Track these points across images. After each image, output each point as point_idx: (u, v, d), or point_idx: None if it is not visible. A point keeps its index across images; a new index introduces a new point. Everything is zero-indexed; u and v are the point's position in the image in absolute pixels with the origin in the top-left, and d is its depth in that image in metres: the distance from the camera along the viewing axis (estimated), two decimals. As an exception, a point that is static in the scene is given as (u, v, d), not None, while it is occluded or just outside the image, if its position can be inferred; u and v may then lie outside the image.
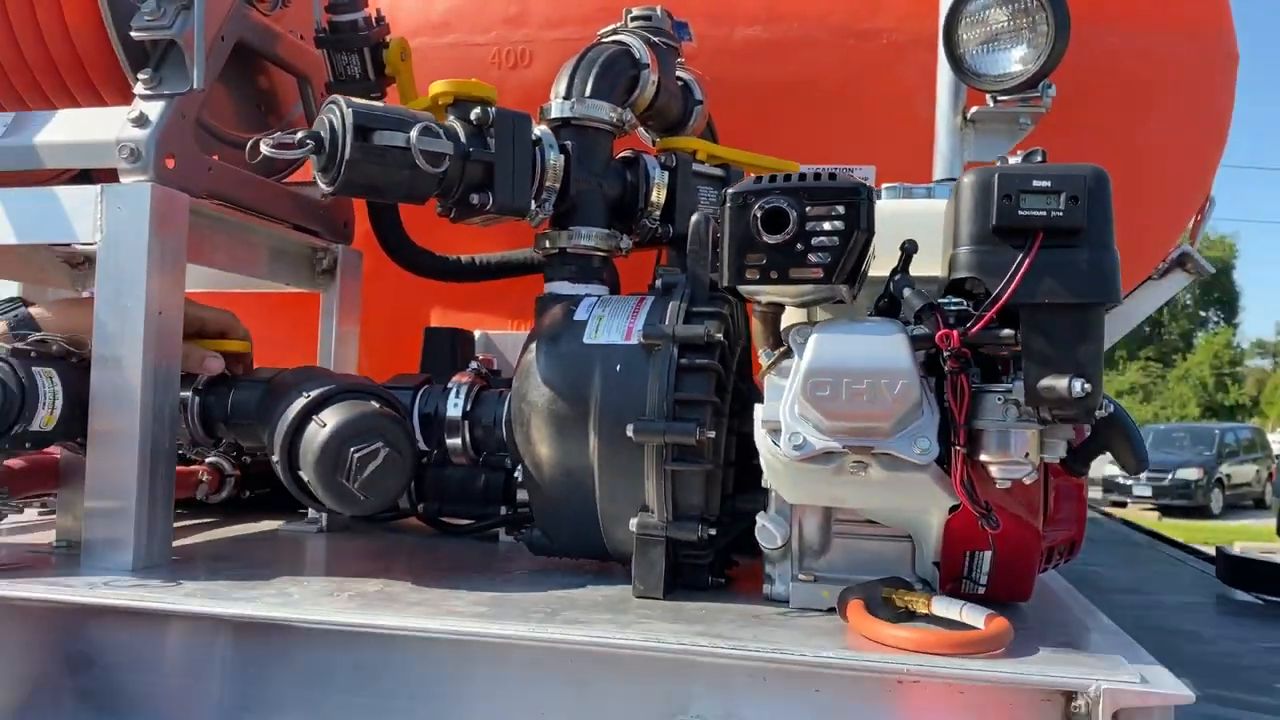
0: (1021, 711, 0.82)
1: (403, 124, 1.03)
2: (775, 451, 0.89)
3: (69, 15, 1.20)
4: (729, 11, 1.63)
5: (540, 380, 1.08)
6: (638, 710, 0.90)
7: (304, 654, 0.96)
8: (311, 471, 1.06)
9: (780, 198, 0.84)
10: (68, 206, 1.15)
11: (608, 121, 1.19)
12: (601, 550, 1.13)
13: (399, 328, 1.74)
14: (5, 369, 1.06)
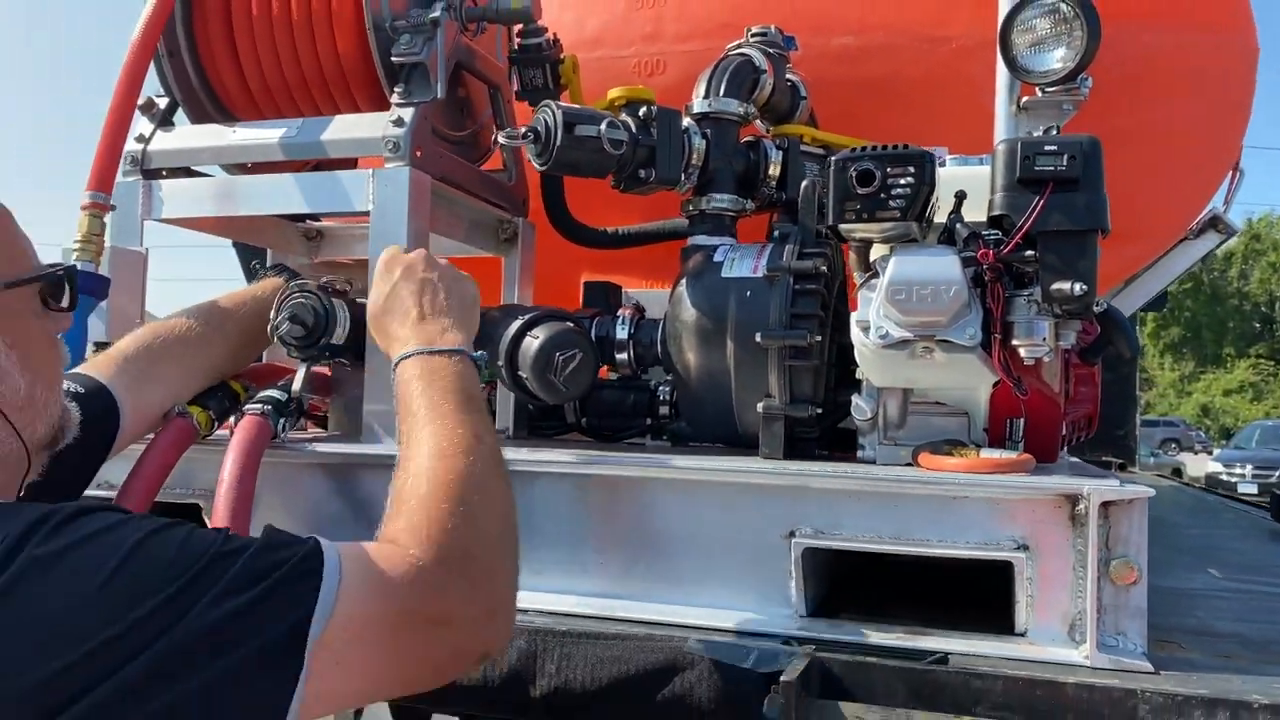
0: (1042, 513, 1.18)
1: (595, 120, 1.44)
2: (866, 342, 1.27)
3: (340, 46, 1.64)
4: (825, 24, 2.00)
5: (690, 305, 1.48)
6: (769, 523, 1.29)
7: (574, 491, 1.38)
8: (529, 370, 1.47)
9: (869, 161, 1.22)
10: (347, 186, 1.59)
11: (736, 114, 1.59)
12: (734, 434, 1.51)
13: (552, 285, 2.16)
14: (315, 299, 1.50)
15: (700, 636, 1.21)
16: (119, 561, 0.74)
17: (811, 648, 1.16)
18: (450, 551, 0.86)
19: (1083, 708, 1.06)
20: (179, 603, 0.73)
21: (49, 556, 0.73)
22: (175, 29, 1.70)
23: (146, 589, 0.73)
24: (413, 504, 0.90)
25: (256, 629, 0.74)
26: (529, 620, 1.28)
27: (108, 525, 0.77)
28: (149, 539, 0.76)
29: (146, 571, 0.74)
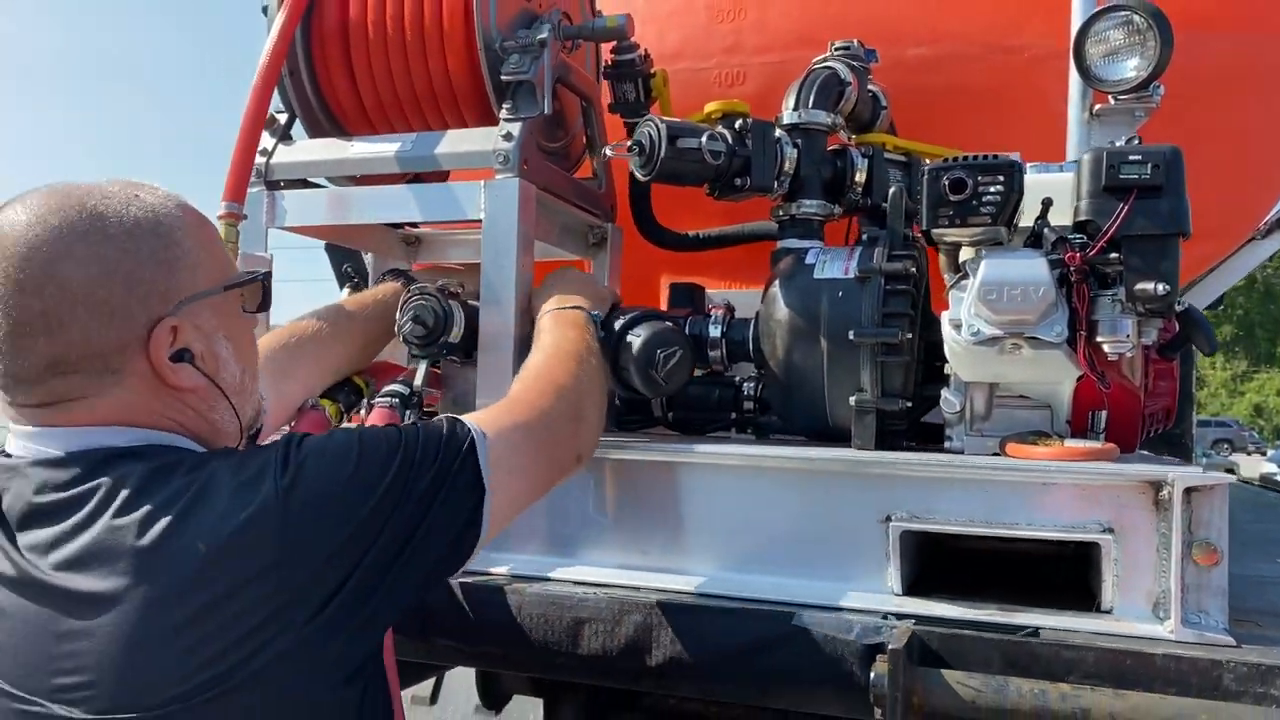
0: (1127, 498, 1.27)
1: (696, 133, 1.55)
2: (958, 339, 1.37)
3: (450, 65, 1.76)
4: (899, 35, 2.09)
5: (783, 305, 1.58)
6: (865, 507, 1.39)
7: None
8: (632, 366, 1.58)
9: (961, 171, 1.32)
10: (460, 196, 1.71)
11: (824, 125, 1.68)
12: (824, 427, 1.61)
13: (635, 285, 2.27)
14: (434, 301, 1.62)
15: (805, 611, 1.31)
16: (357, 452, 0.99)
17: (911, 622, 1.26)
18: (552, 387, 1.30)
19: (1170, 676, 1.14)
20: (400, 479, 0.99)
21: (311, 454, 0.97)
22: (295, 50, 1.83)
23: (379, 471, 0.99)
24: (530, 369, 1.37)
25: (449, 478, 1.04)
26: (645, 596, 1.39)
27: (332, 433, 1.10)
28: (364, 434, 1.04)
29: (374, 458, 1.00)
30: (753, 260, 2.20)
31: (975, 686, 1.14)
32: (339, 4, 1.79)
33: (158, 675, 0.86)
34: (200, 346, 1.00)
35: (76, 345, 0.93)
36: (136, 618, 0.86)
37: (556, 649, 1.38)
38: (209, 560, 0.88)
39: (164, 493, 0.90)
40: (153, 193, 1.02)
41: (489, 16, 1.72)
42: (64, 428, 0.95)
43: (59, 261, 0.92)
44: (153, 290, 0.96)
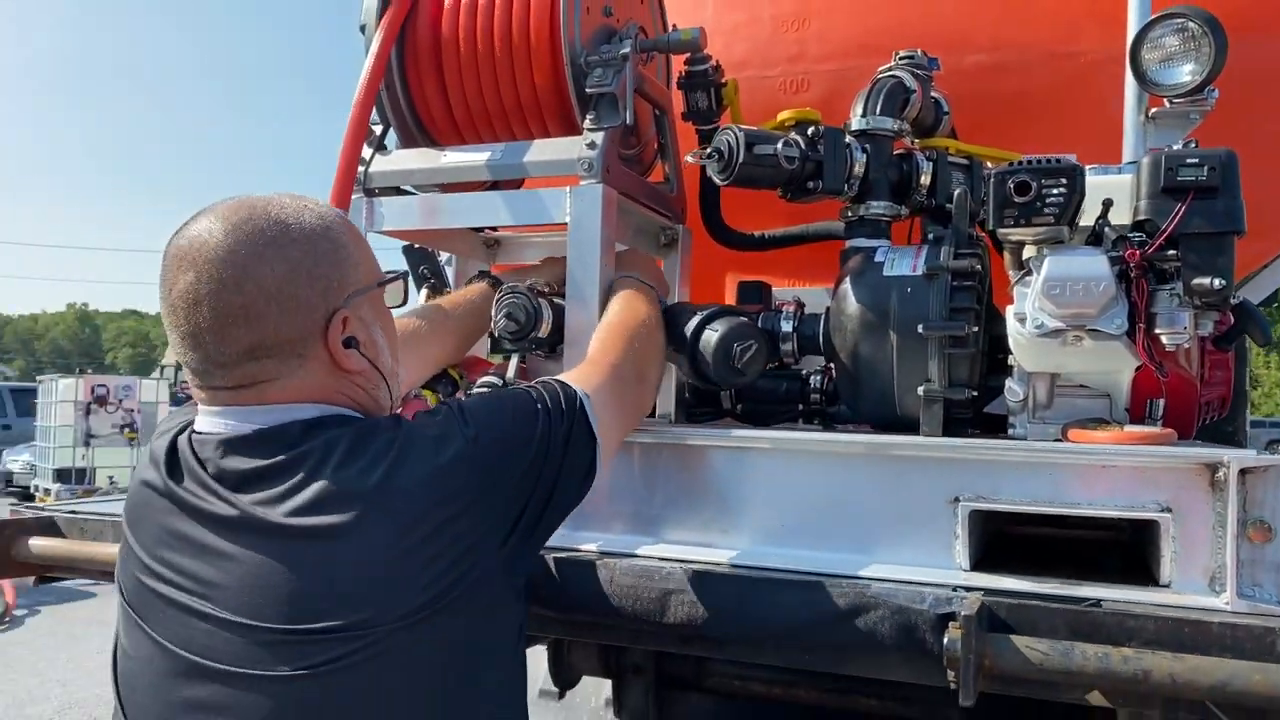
0: (1185, 479, 1.35)
1: (771, 140, 1.66)
2: (1022, 332, 1.46)
3: (537, 79, 1.89)
4: (959, 43, 2.18)
5: (854, 300, 1.68)
6: (934, 490, 1.48)
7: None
8: (710, 358, 1.69)
9: (1026, 174, 1.41)
10: (547, 202, 1.84)
11: (890, 131, 1.78)
12: (892, 416, 1.70)
13: (703, 284, 2.38)
14: (525, 299, 1.75)
15: (879, 584, 1.41)
16: (512, 407, 1.23)
17: (980, 593, 1.35)
18: (623, 359, 1.48)
19: (1226, 643, 1.22)
20: (548, 428, 1.21)
21: (479, 411, 1.19)
22: (390, 66, 1.97)
23: (533, 421, 1.21)
24: (602, 338, 1.55)
25: (575, 430, 1.25)
26: (728, 569, 1.49)
27: (484, 395, 1.47)
28: (513, 394, 1.28)
29: (527, 410, 1.22)
30: (814, 259, 2.31)
31: (1043, 650, 1.23)
32: (432, 22, 1.93)
33: (391, 594, 1.03)
34: (363, 335, 1.16)
35: (270, 333, 1.09)
36: (373, 544, 1.03)
37: (645, 618, 1.49)
38: (427, 496, 1.06)
39: (374, 448, 1.08)
40: (315, 204, 1.19)
41: (573, 33, 1.85)
42: (257, 405, 1.11)
43: (255, 263, 1.08)
44: (329, 286, 1.13)
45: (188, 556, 1.07)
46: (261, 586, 1.02)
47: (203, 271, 1.07)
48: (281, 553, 1.03)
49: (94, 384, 12.08)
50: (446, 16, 1.91)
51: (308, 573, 1.03)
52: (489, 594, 1.12)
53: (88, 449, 11.70)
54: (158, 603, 1.08)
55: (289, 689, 1.00)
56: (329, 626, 1.01)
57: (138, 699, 1.09)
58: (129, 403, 12.12)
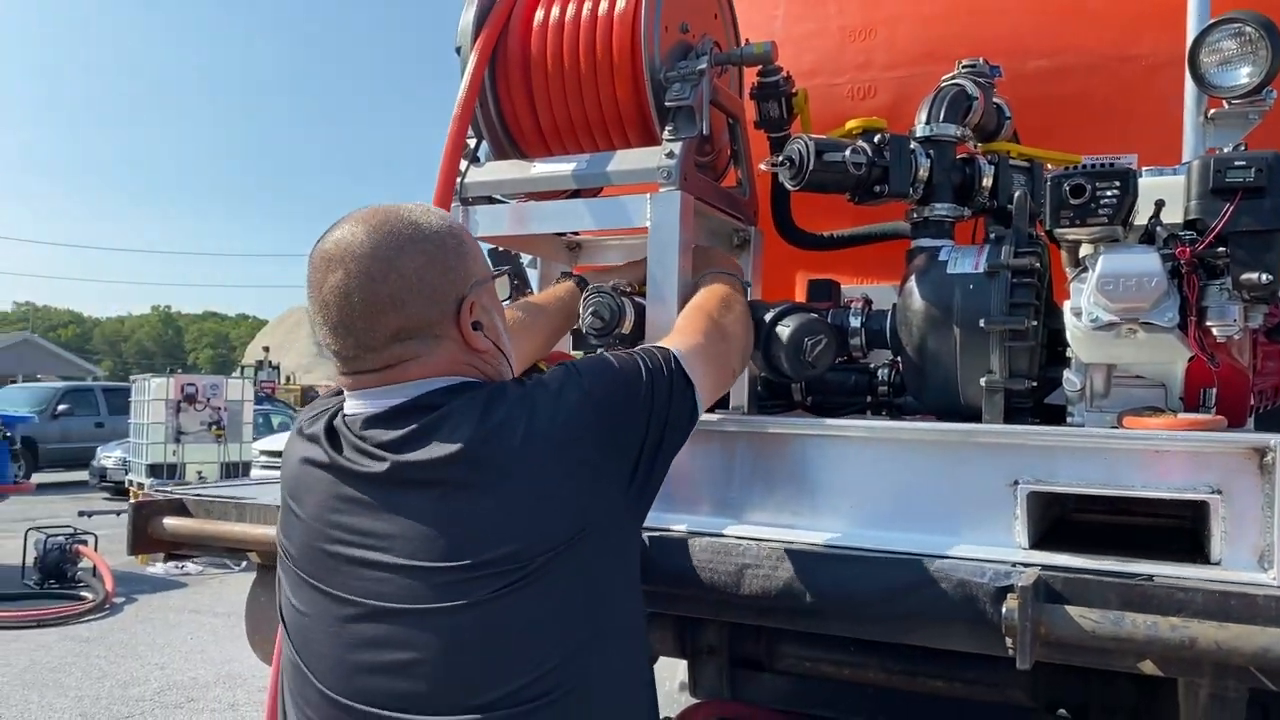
0: (1234, 463, 1.43)
1: (840, 148, 1.78)
2: (1079, 325, 1.56)
3: (619, 94, 2.03)
4: (1021, 49, 2.27)
5: (919, 297, 1.78)
6: (994, 473, 1.59)
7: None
8: (782, 352, 1.81)
9: (1080, 177, 1.51)
10: (629, 208, 1.98)
11: (953, 136, 1.88)
12: (956, 406, 1.80)
13: (773, 282, 2.50)
14: (610, 298, 1.89)
15: (942, 560, 1.52)
16: (618, 364, 1.37)
17: (1037, 568, 1.45)
18: (704, 322, 1.63)
19: (1271, 614, 1.30)
20: (651, 379, 1.37)
21: (589, 368, 1.36)
22: (483, 84, 2.12)
23: (638, 374, 1.37)
24: (685, 311, 1.71)
25: (675, 381, 1.40)
26: (799, 546, 1.62)
27: (588, 357, 1.54)
28: (614, 355, 1.41)
29: (631, 367, 1.38)
30: (881, 257, 2.41)
31: (1095, 619, 1.33)
32: (522, 43, 2.08)
33: (537, 528, 1.21)
34: (486, 319, 1.35)
35: (414, 317, 1.27)
36: (518, 485, 1.21)
37: (723, 590, 1.62)
38: (560, 438, 1.25)
39: (507, 402, 1.26)
40: (433, 209, 1.38)
41: (653, 50, 1.98)
42: (403, 383, 1.29)
43: (398, 257, 1.27)
44: (457, 276, 1.31)
45: (356, 516, 1.24)
46: (424, 532, 1.19)
47: (351, 268, 1.25)
48: (439, 500, 1.20)
49: (184, 383, 12.61)
50: (535, 37, 2.06)
51: (464, 516, 1.20)
52: (618, 531, 1.31)
53: (178, 445, 12.22)
54: (331, 561, 1.25)
55: (453, 621, 1.17)
56: (486, 560, 1.17)
57: (315, 647, 1.26)
58: (216, 401, 12.63)
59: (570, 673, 1.20)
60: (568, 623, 1.22)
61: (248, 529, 2.00)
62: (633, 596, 1.36)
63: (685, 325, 1.63)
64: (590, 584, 1.25)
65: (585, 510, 1.25)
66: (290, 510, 1.34)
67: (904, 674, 2.48)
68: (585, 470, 1.26)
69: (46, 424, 18.35)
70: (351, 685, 1.21)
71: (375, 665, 1.19)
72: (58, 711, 5.63)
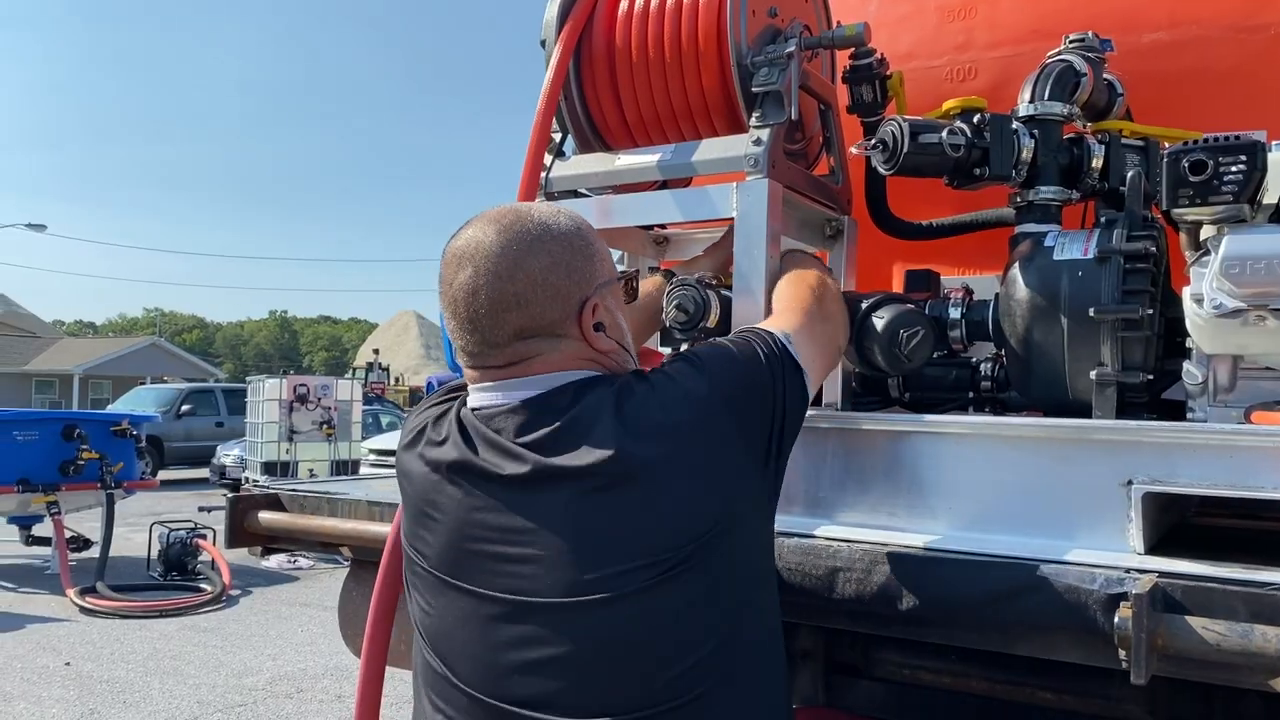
0: (1377, 464, 1.30)
1: (935, 129, 1.69)
2: (1200, 313, 1.44)
3: (705, 82, 1.98)
4: (1135, 22, 2.12)
5: (1023, 285, 1.68)
6: (1106, 473, 1.48)
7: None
8: (876, 345, 1.73)
9: (1201, 152, 1.39)
10: (714, 198, 1.92)
11: (1060, 115, 1.77)
12: (1064, 401, 1.69)
13: (869, 273, 2.41)
14: (694, 291, 1.84)
15: (1048, 564, 1.42)
16: (736, 351, 1.38)
17: (1154, 575, 1.34)
18: (800, 305, 1.60)
19: None
20: (768, 364, 1.37)
21: (709, 357, 1.37)
22: (568, 77, 2.10)
23: (756, 360, 1.37)
24: (781, 292, 1.68)
25: (786, 364, 1.39)
26: (895, 549, 1.54)
27: (706, 344, 1.47)
28: (731, 341, 1.43)
29: (749, 353, 1.38)
30: (984, 247, 2.30)
31: (1220, 631, 1.22)
32: (605, 33, 2.05)
33: (684, 520, 1.22)
34: (609, 320, 1.37)
35: (537, 316, 1.30)
36: (662, 478, 1.23)
37: (813, 593, 1.55)
38: (696, 429, 1.26)
39: (637, 401, 1.27)
40: (567, 211, 1.40)
41: (739, 35, 1.93)
42: (527, 377, 1.32)
43: (525, 257, 1.29)
44: (582, 278, 1.33)
45: (499, 514, 1.26)
46: (571, 528, 1.21)
47: (480, 266, 1.29)
48: (584, 497, 1.22)
49: (296, 384, 13.05)
50: (619, 27, 2.03)
51: (610, 512, 1.21)
52: (757, 517, 1.33)
53: (291, 444, 12.66)
54: (475, 560, 1.27)
55: (605, 613, 1.18)
56: (632, 554, 1.19)
57: (459, 648, 1.28)
58: (326, 401, 13.04)
59: (717, 663, 1.22)
60: (717, 611, 1.23)
61: (338, 523, 2.02)
62: (772, 584, 1.39)
63: (784, 308, 1.61)
64: (735, 572, 1.26)
65: (729, 499, 1.27)
66: (425, 516, 1.35)
67: (1009, 684, 2.36)
68: (724, 457, 1.27)
69: (171, 423, 19.32)
70: (499, 686, 1.22)
71: (521, 664, 1.21)
72: (177, 698, 5.88)
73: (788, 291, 1.67)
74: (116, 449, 9.37)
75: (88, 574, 8.59)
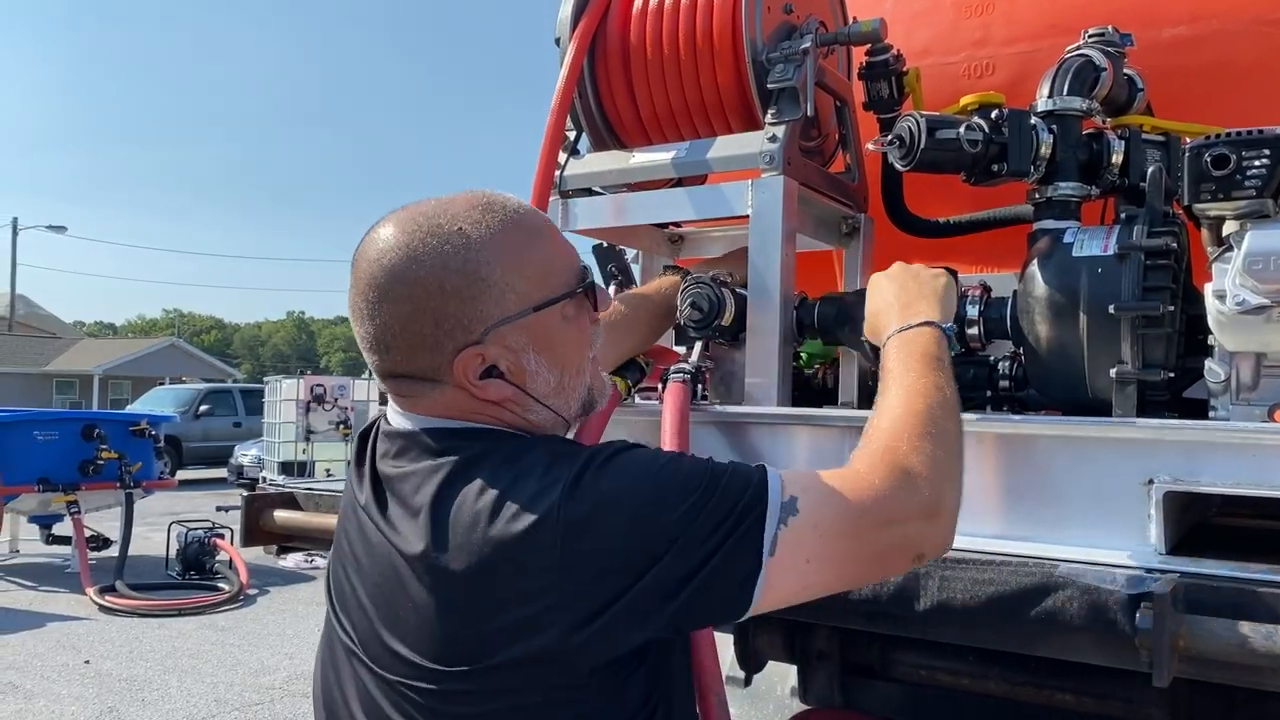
0: (1405, 462, 1.28)
1: (953, 124, 1.67)
2: (1222, 310, 1.41)
3: (720, 78, 1.97)
4: (1155, 17, 2.10)
5: (1042, 282, 1.66)
6: (1126, 472, 1.46)
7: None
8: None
9: (1224, 146, 1.37)
10: (729, 195, 1.91)
11: (1079, 110, 1.75)
12: (1083, 399, 1.67)
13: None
14: (709, 289, 1.83)
15: (1068, 564, 1.40)
16: (661, 465, 1.11)
17: (1176, 575, 1.32)
18: (898, 469, 1.14)
19: None
20: (699, 504, 1.04)
21: (609, 474, 1.06)
22: (582, 75, 2.09)
23: (683, 487, 1.06)
24: (874, 435, 1.21)
25: (737, 539, 1.04)
26: (912, 548, 1.52)
27: (643, 447, 1.15)
28: (673, 458, 1.14)
29: (679, 476, 1.08)
30: (1002, 245, 2.27)
31: (1245, 632, 1.19)
32: (620, 30, 2.04)
33: (449, 646, 1.05)
34: (508, 362, 1.13)
35: (401, 364, 1.15)
36: (436, 591, 1.05)
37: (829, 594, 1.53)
38: (494, 555, 1.02)
39: (487, 473, 1.07)
40: (470, 219, 1.13)
41: (755, 31, 1.92)
42: (408, 413, 1.19)
43: (383, 301, 1.12)
44: (458, 324, 1.11)
45: (355, 539, 1.21)
46: (384, 590, 1.12)
47: (351, 290, 1.16)
48: (391, 561, 1.11)
49: (312, 384, 13.13)
50: (634, 23, 2.02)
51: (410, 595, 1.08)
52: (555, 677, 1.04)
53: (308, 444, 12.72)
54: (337, 568, 1.24)
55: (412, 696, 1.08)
56: (406, 654, 1.08)
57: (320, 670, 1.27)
58: (343, 401, 13.10)
59: None
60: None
61: (353, 522, 2.02)
62: None
63: (867, 475, 1.14)
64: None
65: (507, 647, 1.02)
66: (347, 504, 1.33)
67: (1029, 685, 2.34)
68: (516, 596, 1.02)
69: (189, 423, 19.44)
70: None
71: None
72: (195, 696, 5.90)
73: (885, 446, 1.18)
74: (135, 449, 9.44)
75: (107, 573, 8.65)
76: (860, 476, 1.13)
